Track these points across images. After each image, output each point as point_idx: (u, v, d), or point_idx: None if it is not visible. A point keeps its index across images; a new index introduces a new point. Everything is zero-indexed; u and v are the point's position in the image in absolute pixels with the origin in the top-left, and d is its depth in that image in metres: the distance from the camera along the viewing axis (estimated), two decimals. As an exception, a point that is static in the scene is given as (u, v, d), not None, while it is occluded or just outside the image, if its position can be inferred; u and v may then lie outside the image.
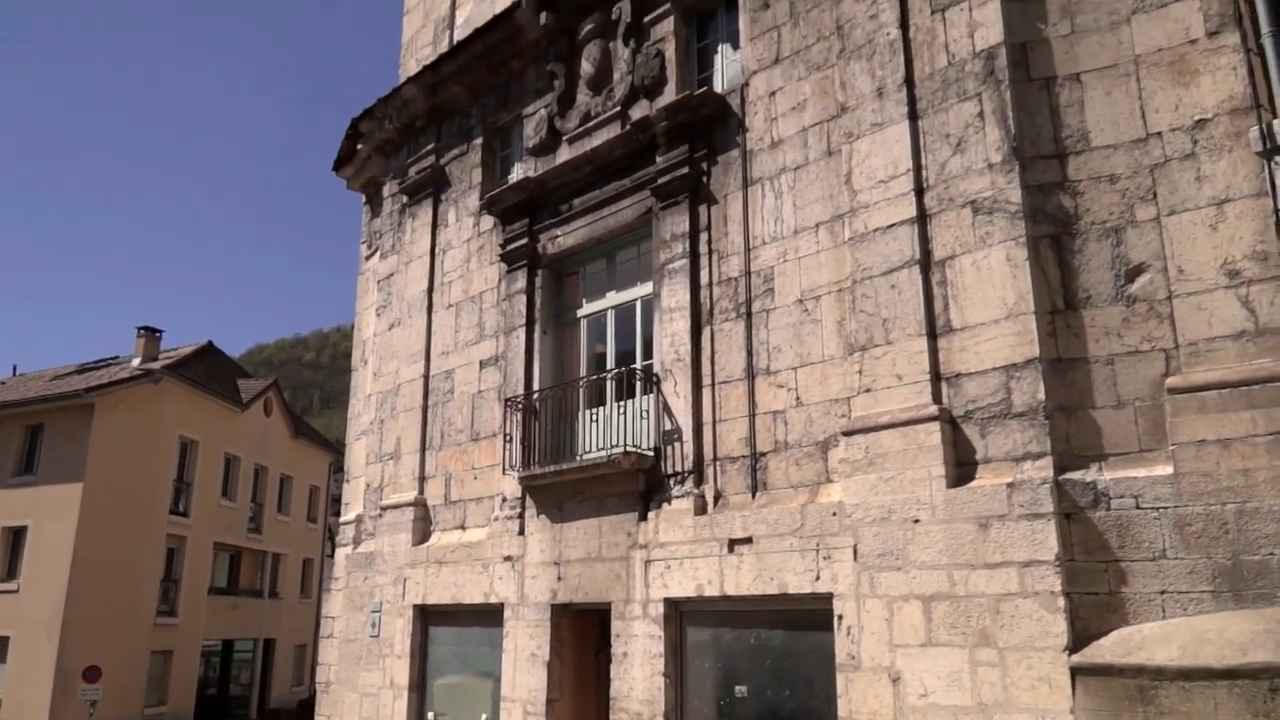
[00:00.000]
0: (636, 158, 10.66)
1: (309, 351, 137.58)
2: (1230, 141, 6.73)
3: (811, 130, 9.08)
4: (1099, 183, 7.27)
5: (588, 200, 11.25)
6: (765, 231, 9.26)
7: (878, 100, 8.41)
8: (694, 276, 9.78)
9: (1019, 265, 7.25)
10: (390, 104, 14.21)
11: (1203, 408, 6.41)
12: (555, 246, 11.63)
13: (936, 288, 7.74)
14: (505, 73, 12.95)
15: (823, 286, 8.64)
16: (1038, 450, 6.88)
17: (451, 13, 14.80)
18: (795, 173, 9.12)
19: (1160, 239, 6.90)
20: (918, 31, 8.34)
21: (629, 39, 11.20)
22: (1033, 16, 7.77)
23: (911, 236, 7.89)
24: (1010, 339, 7.19)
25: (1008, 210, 7.39)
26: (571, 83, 11.94)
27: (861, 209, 8.30)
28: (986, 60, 7.77)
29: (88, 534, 29.31)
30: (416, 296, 13.51)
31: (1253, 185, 6.57)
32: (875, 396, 7.84)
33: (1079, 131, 7.43)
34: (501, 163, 13.34)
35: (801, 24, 9.42)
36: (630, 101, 11.07)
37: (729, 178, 9.74)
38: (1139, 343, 6.88)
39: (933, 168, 7.96)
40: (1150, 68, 7.18)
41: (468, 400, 12.32)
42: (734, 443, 9.06)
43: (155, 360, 34.49)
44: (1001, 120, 7.58)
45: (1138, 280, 6.98)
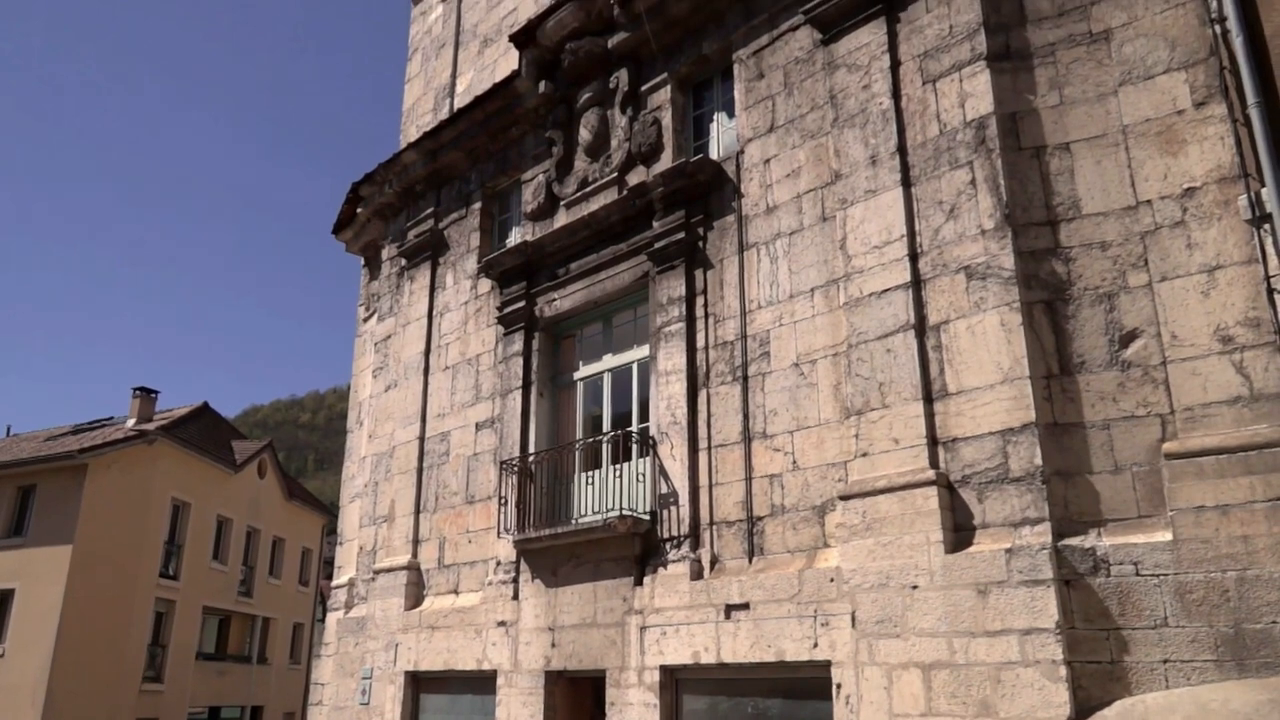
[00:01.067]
0: (633, 223, 10.77)
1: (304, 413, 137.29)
2: (1219, 209, 6.82)
3: (806, 196, 9.19)
4: (1091, 249, 7.35)
5: (585, 264, 11.34)
6: (761, 296, 9.32)
7: (871, 168, 8.53)
8: (690, 340, 9.81)
9: (1013, 330, 7.29)
10: (391, 169, 14.40)
11: (1200, 473, 6.39)
12: (552, 309, 11.68)
13: (932, 352, 7.77)
14: (504, 139, 13.15)
15: (819, 350, 8.67)
16: (1036, 516, 6.84)
17: (452, 81, 15.09)
18: (790, 238, 9.21)
19: (1153, 305, 6.95)
20: (909, 101, 8.50)
21: (626, 107, 11.40)
22: (1022, 88, 7.93)
23: (906, 301, 7.94)
24: (1006, 403, 7.20)
25: (1001, 276, 7.46)
26: (569, 149, 12.12)
27: (856, 274, 8.37)
28: (977, 129, 7.91)
29: (75, 598, 28.87)
30: (413, 358, 13.53)
31: (1243, 252, 6.64)
32: (872, 461, 7.82)
33: (1070, 199, 7.53)
34: (499, 227, 13.47)
35: (795, 93, 9.60)
36: (627, 168, 11.22)
37: (725, 243, 9.83)
38: (1135, 408, 6.89)
39: (926, 234, 8.05)
40: (1139, 137, 7.31)
41: (463, 463, 12.26)
42: (730, 506, 9.01)
43: (150, 421, 34.36)
44: (993, 188, 7.68)
45: (1132, 346, 7.01)
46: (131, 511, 31.27)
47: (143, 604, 31.66)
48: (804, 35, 9.66)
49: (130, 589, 31.08)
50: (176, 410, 37.04)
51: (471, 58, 15.03)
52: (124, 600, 30.74)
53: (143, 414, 34.42)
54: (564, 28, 11.90)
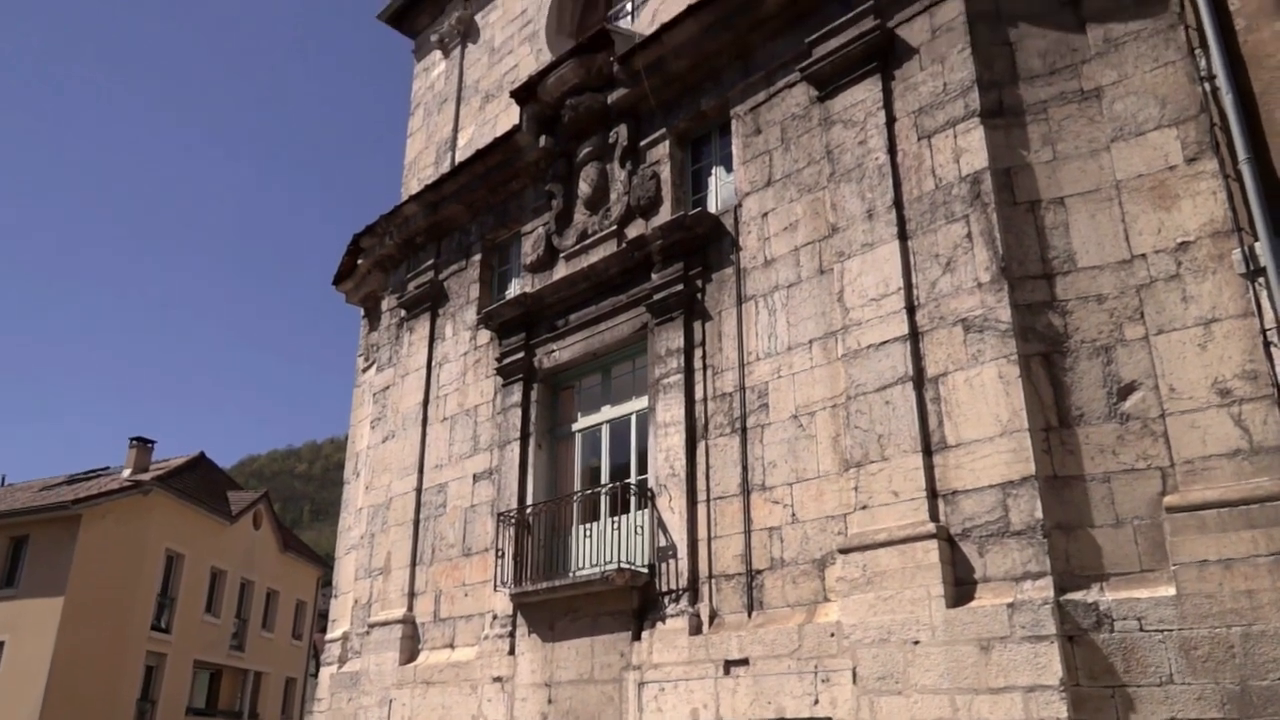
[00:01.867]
0: (632, 275, 10.84)
1: (301, 463, 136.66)
2: (1214, 263, 6.87)
3: (804, 249, 9.26)
4: (1087, 302, 7.39)
5: (584, 316, 11.38)
6: (759, 347, 9.34)
7: (868, 221, 8.61)
8: (689, 391, 9.81)
9: (1011, 383, 7.30)
10: (392, 221, 14.51)
11: (1202, 527, 6.36)
12: (551, 361, 11.70)
13: (930, 404, 7.78)
14: (504, 192, 13.27)
15: (817, 402, 8.67)
16: (1037, 570, 6.78)
17: (454, 135, 15.28)
18: (788, 290, 9.26)
19: (1150, 358, 6.97)
20: (905, 156, 8.60)
21: (625, 161, 11.53)
22: (1015, 143, 8.03)
23: (904, 353, 7.96)
24: (1006, 456, 7.18)
25: (998, 328, 7.49)
26: (569, 202, 12.23)
27: (854, 326, 8.40)
28: (972, 184, 8.00)
29: (66, 650, 28.48)
30: (412, 409, 13.51)
31: (1239, 306, 6.68)
32: (872, 513, 7.78)
33: (1065, 252, 7.59)
34: (499, 279, 13.54)
35: (793, 149, 9.72)
36: (626, 221, 11.32)
37: (723, 295, 9.88)
38: (1135, 461, 6.87)
39: (923, 286, 8.10)
40: (1132, 192, 7.39)
41: (460, 514, 12.18)
42: (729, 560, 8.94)
43: (146, 471, 34.21)
44: (989, 241, 7.75)
45: (1130, 398, 7.02)
46: (125, 563, 30.98)
47: (133, 658, 31.23)
48: (800, 92, 9.81)
49: (121, 642, 30.67)
50: (173, 460, 36.89)
51: (473, 113, 15.23)
52: (114, 654, 30.32)
53: (139, 464, 34.28)
54: (564, 84, 12.08)
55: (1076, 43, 8.10)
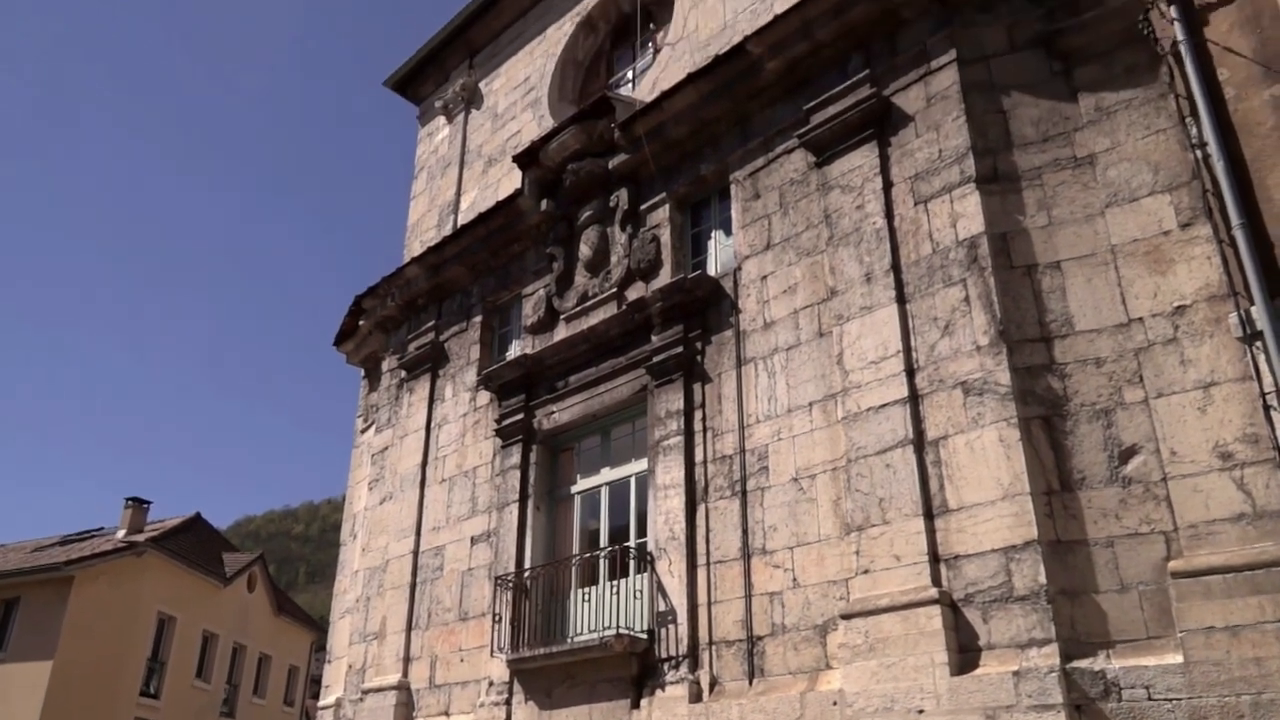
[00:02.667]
0: (632, 337, 10.88)
1: (298, 524, 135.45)
2: (1211, 327, 6.91)
3: (803, 312, 9.31)
4: (1085, 365, 7.41)
5: (584, 377, 11.40)
6: (759, 410, 9.34)
7: (866, 285, 8.67)
8: (689, 454, 9.78)
9: (1012, 446, 7.29)
10: (394, 282, 14.61)
11: (1208, 593, 6.30)
12: (551, 422, 11.68)
13: (931, 468, 7.75)
14: (506, 255, 13.39)
15: (817, 465, 8.64)
16: (1042, 636, 6.69)
17: (456, 199, 15.47)
18: (788, 353, 9.29)
19: (1150, 421, 6.97)
20: (902, 221, 8.70)
21: (626, 225, 11.65)
22: (1011, 209, 8.13)
23: (904, 416, 7.96)
24: (1008, 520, 7.14)
25: (998, 392, 7.50)
26: (570, 265, 12.33)
27: (854, 389, 8.41)
28: (969, 248, 8.07)
29: (53, 716, 27.91)
30: (410, 471, 13.45)
31: (1237, 369, 6.70)
32: (874, 578, 7.70)
33: (1063, 316, 7.64)
34: (500, 340, 13.59)
35: (791, 213, 9.83)
36: (627, 283, 11.40)
37: (723, 357, 9.91)
38: (1138, 525, 6.83)
39: (922, 349, 8.13)
40: (1127, 257, 7.46)
41: (457, 578, 12.05)
42: (730, 625, 8.82)
43: (141, 532, 33.89)
44: (987, 305, 7.80)
45: (1131, 462, 7.00)
46: (116, 626, 30.52)
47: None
48: (798, 158, 9.95)
49: (110, 708, 30.06)
50: (168, 521, 36.57)
51: (476, 177, 15.44)
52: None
53: (134, 525, 33.97)
54: (566, 149, 12.27)
55: (1069, 111, 8.25)
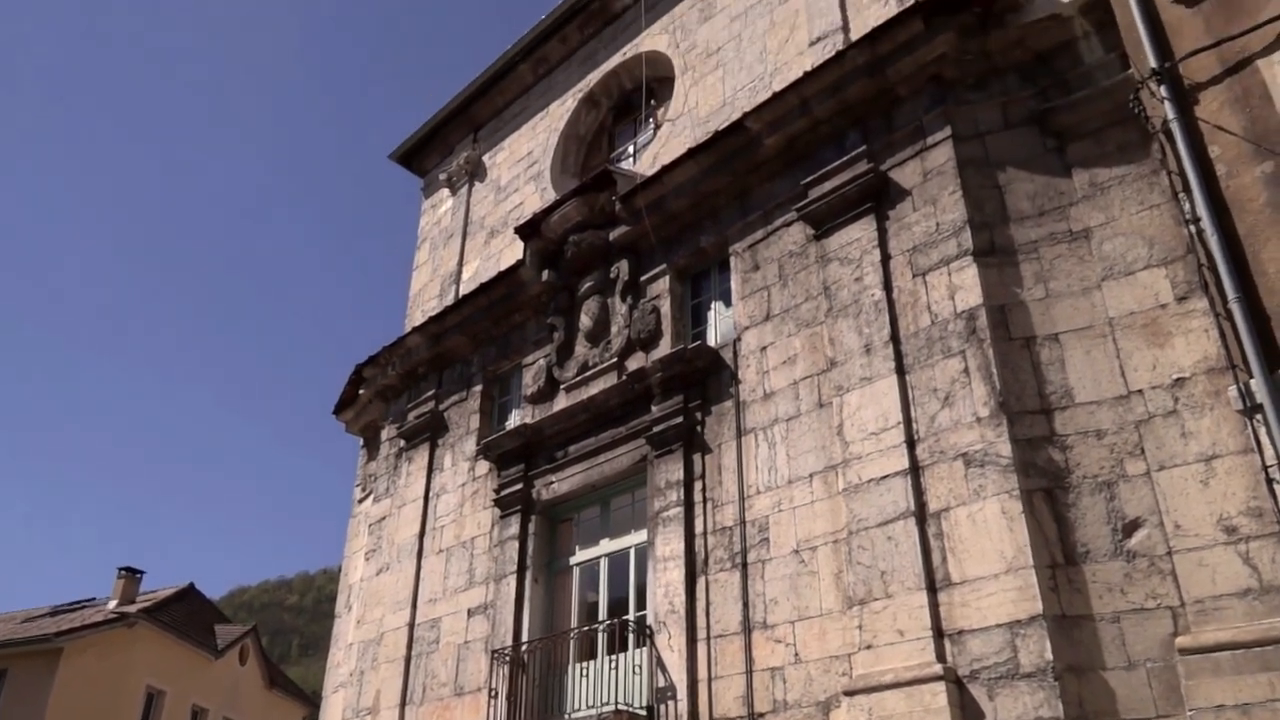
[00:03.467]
0: (632, 407, 10.88)
1: (292, 595, 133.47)
2: (1211, 399, 6.92)
3: (803, 383, 9.33)
4: (1086, 437, 7.40)
5: (584, 447, 11.37)
6: (759, 481, 9.29)
7: (866, 356, 8.70)
8: (688, 525, 9.71)
9: (1014, 518, 7.24)
10: (394, 351, 14.66)
11: (1217, 670, 6.20)
12: (550, 493, 11.62)
13: (933, 540, 7.68)
14: (507, 324, 13.47)
15: (818, 537, 8.57)
16: (1050, 715, 6.56)
17: (458, 269, 15.62)
18: (788, 424, 9.28)
19: (1153, 494, 6.94)
20: (900, 293, 8.77)
21: (626, 295, 11.74)
22: (1009, 281, 8.21)
23: (905, 488, 7.92)
24: (1012, 594, 7.05)
25: (999, 463, 7.47)
26: (570, 335, 12.39)
27: (854, 460, 8.39)
28: (968, 320, 8.13)
29: (35, 796, 27.17)
30: (407, 541, 13.33)
31: (1238, 442, 6.69)
32: (877, 654, 7.58)
33: (1062, 388, 7.65)
34: (499, 409, 13.58)
35: (790, 284, 9.92)
36: (627, 353, 11.44)
37: (723, 427, 9.89)
38: (1144, 600, 6.75)
39: (922, 421, 8.12)
40: (1125, 329, 7.51)
41: (453, 651, 11.85)
42: (731, 702, 8.65)
43: (133, 603, 33.42)
44: (986, 376, 7.82)
45: (1135, 535, 6.95)
46: (104, 699, 29.87)
47: (106, 803, 29.76)
48: (797, 230, 10.08)
49: (94, 786, 29.28)
50: (161, 591, 36.09)
51: (478, 247, 15.61)
52: (86, 799, 28.89)
53: (126, 595, 33.52)
54: (567, 221, 12.43)
55: (1063, 186, 8.39)
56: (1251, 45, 7.23)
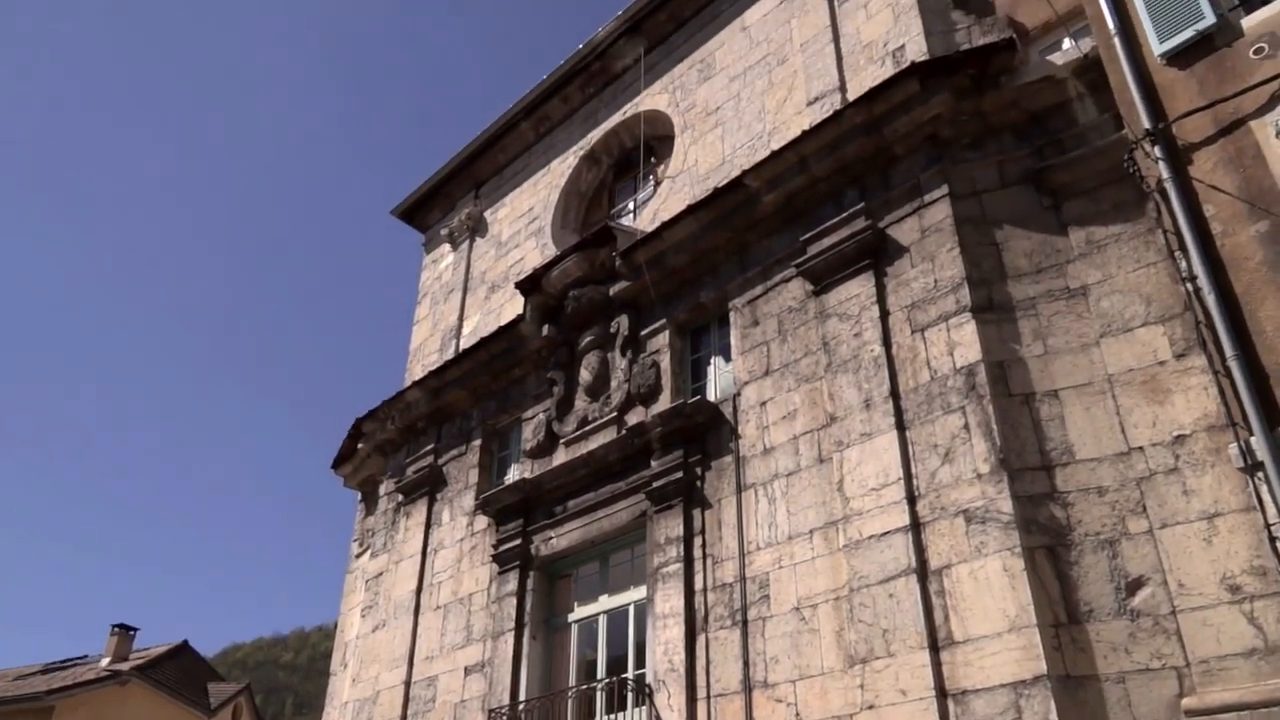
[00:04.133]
0: (631, 462, 10.85)
1: (287, 652, 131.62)
2: (1211, 457, 6.90)
3: (803, 438, 9.31)
4: (1088, 494, 7.37)
5: (583, 502, 11.31)
6: (760, 537, 9.23)
7: (865, 411, 8.70)
8: (688, 581, 9.62)
9: (1016, 576, 7.18)
10: (394, 405, 14.66)
11: (1224, 732, 6.09)
12: (549, 548, 11.53)
13: (935, 598, 7.61)
14: (506, 379, 13.48)
15: (819, 594, 8.49)
16: (1055, 778, 6.44)
17: (459, 323, 15.68)
18: (788, 479, 9.25)
19: (1156, 552, 6.89)
20: (900, 349, 8.80)
21: (626, 350, 11.77)
22: (1007, 338, 8.24)
23: (906, 545, 7.86)
24: (1015, 653, 6.96)
25: (1000, 520, 7.43)
26: (570, 389, 12.40)
27: (855, 516, 8.34)
28: (967, 376, 8.14)
29: None
30: (404, 597, 13.19)
31: (1240, 500, 6.66)
32: (879, 714, 7.46)
33: (1063, 445, 7.64)
34: (499, 464, 13.54)
35: (790, 340, 9.95)
36: (627, 408, 11.44)
37: (722, 483, 9.85)
38: (1149, 660, 6.66)
39: (923, 476, 8.09)
40: (1124, 386, 7.52)
41: (449, 710, 11.66)
42: (731, 764, 8.49)
43: (126, 660, 32.97)
44: (986, 432, 7.81)
45: (1139, 594, 6.88)
46: (93, 760, 29.33)
47: None
48: (796, 286, 10.14)
49: None
50: (154, 649, 35.60)
51: (479, 302, 15.69)
52: None
53: (119, 652, 33.08)
54: (568, 276, 12.51)
55: (1060, 244, 8.46)
56: (1244, 107, 7.34)
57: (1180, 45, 7.75)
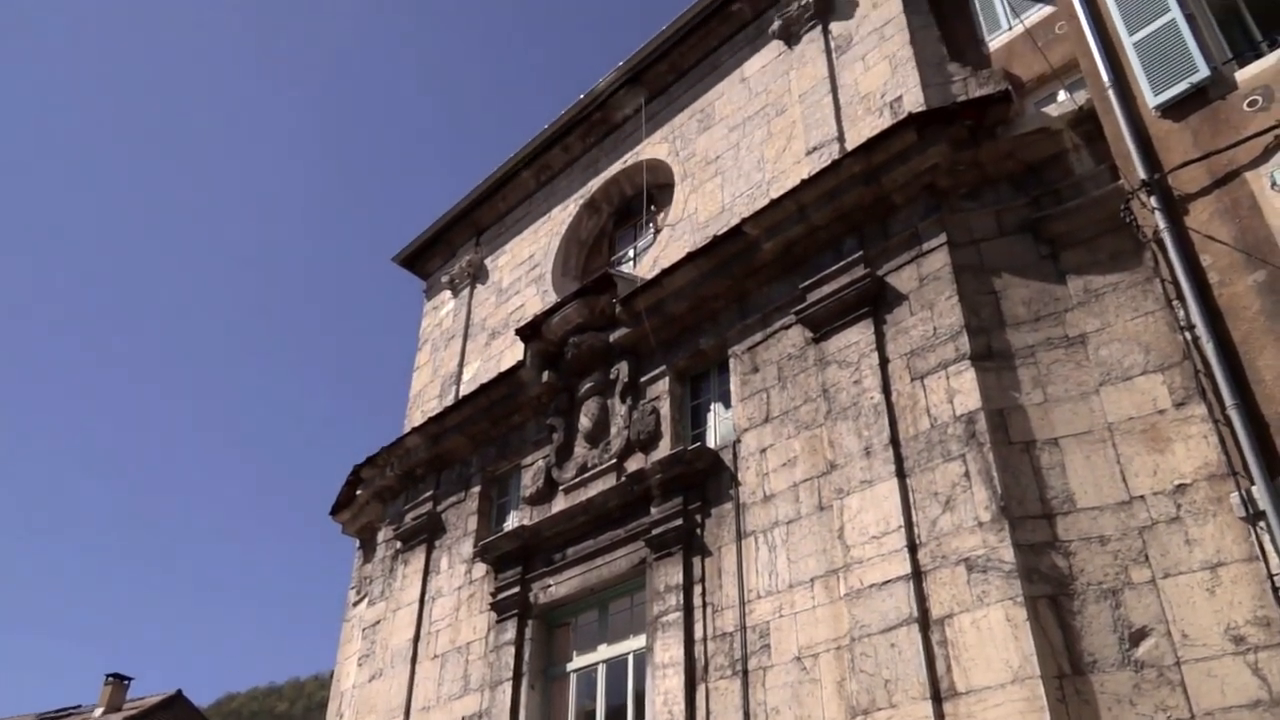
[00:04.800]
0: (631, 509, 10.80)
1: (283, 701, 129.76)
2: (1213, 506, 6.88)
3: (803, 485, 9.28)
4: (1090, 543, 7.33)
5: (582, 550, 11.24)
6: (760, 585, 9.16)
7: (866, 458, 8.69)
8: (688, 630, 9.53)
9: (1019, 626, 7.11)
10: (393, 452, 14.63)
11: (1232, 787, 6.00)
12: (547, 596, 11.44)
13: (937, 647, 7.53)
14: (506, 425, 13.47)
15: (820, 644, 8.40)
16: (1061, 834, 6.33)
17: (459, 370, 15.71)
18: (788, 526, 9.20)
19: (1159, 602, 6.84)
20: (899, 396, 8.80)
21: (626, 396, 11.78)
22: (1007, 385, 8.25)
23: (908, 594, 7.80)
24: (1019, 705, 6.88)
25: (1002, 569, 7.38)
26: (570, 436, 12.39)
27: (856, 564, 8.29)
28: (967, 424, 8.14)
29: None
30: (401, 646, 13.06)
31: (1243, 550, 6.63)
32: (881, 767, 7.34)
33: (1064, 493, 7.61)
34: (498, 511, 13.48)
35: (789, 386, 9.97)
36: (626, 455, 11.42)
37: (722, 530, 9.80)
38: (1154, 712, 6.58)
39: (924, 524, 8.06)
40: (1124, 435, 7.51)
41: (445, 762, 11.48)
42: (731, 818, 8.34)
43: (120, 710, 32.60)
44: (987, 480, 7.79)
45: (1143, 644, 6.82)
46: (82, 813, 28.83)
47: None
48: (795, 333, 10.18)
49: None
50: (148, 699, 35.17)
51: (479, 349, 15.73)
52: None
53: (113, 702, 32.72)
54: (568, 323, 12.56)
55: (1058, 292, 8.51)
56: (1239, 158, 7.43)
57: (1174, 98, 7.87)
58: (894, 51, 11.15)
